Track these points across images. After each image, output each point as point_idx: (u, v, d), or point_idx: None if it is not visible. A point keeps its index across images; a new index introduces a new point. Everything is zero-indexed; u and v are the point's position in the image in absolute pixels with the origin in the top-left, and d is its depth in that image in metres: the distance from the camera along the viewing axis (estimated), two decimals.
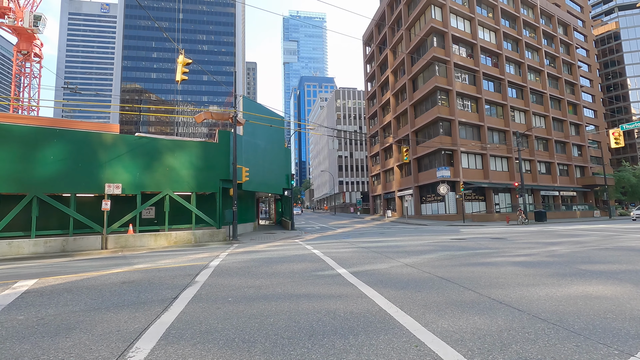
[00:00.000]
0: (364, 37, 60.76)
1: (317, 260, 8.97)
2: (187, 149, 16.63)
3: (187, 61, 10.96)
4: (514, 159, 41.68)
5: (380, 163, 53.18)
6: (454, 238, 14.66)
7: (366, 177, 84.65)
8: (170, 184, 16.02)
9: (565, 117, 50.03)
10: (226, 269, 7.85)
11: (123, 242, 14.51)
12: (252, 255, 10.44)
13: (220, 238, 16.69)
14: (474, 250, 10.17)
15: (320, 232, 22.73)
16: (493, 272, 6.79)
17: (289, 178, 24.17)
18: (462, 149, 37.35)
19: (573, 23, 56.20)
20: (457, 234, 17.56)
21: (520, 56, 45.75)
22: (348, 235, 18.64)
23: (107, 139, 14.86)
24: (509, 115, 42.09)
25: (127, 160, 15.19)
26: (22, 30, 46.30)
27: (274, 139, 22.73)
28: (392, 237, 16.10)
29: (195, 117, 16.73)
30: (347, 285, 5.92)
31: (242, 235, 20.55)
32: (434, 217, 38.16)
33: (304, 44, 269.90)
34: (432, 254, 9.52)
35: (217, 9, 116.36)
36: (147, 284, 6.30)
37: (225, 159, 17.58)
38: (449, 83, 38.02)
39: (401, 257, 9.04)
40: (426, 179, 39.47)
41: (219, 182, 17.27)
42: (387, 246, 11.97)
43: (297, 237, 18.65)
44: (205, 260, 9.63)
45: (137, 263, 9.51)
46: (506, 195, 41.67)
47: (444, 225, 29.55)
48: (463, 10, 40.37)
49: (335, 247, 12.12)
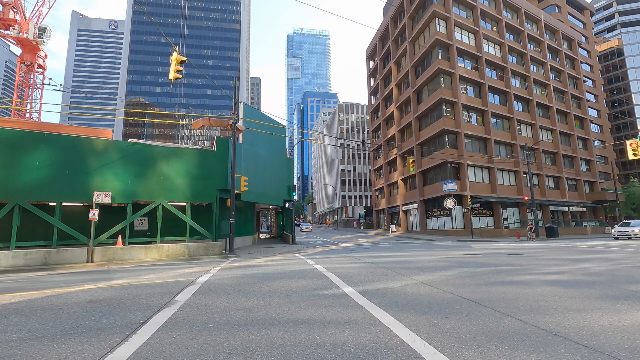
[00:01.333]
0: (368, 51, 60.85)
1: (320, 276, 7.92)
2: (183, 157, 15.78)
3: (181, 59, 10.22)
4: (522, 173, 40.64)
5: (384, 177, 52.22)
6: (468, 254, 13.53)
7: (369, 191, 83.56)
8: (164, 193, 15.11)
9: (572, 131, 49.17)
10: (214, 286, 6.82)
11: (110, 255, 13.49)
12: (247, 271, 9.39)
13: (216, 251, 15.63)
14: (495, 267, 9.08)
15: (322, 247, 21.61)
16: (528, 292, 5.72)
17: (290, 189, 23.21)
18: (469, 162, 36.41)
19: (577, 38, 56.05)
20: (470, 249, 16.41)
21: (525, 69, 45.31)
22: (352, 250, 17.51)
23: (97, 144, 14.06)
24: (516, 128, 41.29)
25: (119, 167, 14.34)
26: (26, 42, 46.56)
27: (276, 148, 21.90)
28: (400, 252, 14.98)
29: (193, 124, 15.95)
30: (356, 308, 4.88)
31: (240, 248, 19.47)
32: (440, 232, 36.87)
33: (307, 61, 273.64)
34: (449, 271, 8.44)
35: (223, 25, 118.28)
36: (117, 304, 5.28)
37: (223, 167, 16.70)
38: (454, 95, 37.42)
39: (415, 274, 7.98)
40: (432, 193, 38.39)
41: (216, 191, 16.34)
42: (396, 262, 10.88)
43: (298, 252, 17.55)
44: (194, 275, 8.59)
45: (118, 278, 8.49)
46: (514, 210, 40.42)
47: (452, 240, 28.30)
48: (467, 23, 40.17)
49: (340, 263, 11.04)
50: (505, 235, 34.26)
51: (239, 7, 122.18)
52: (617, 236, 25.35)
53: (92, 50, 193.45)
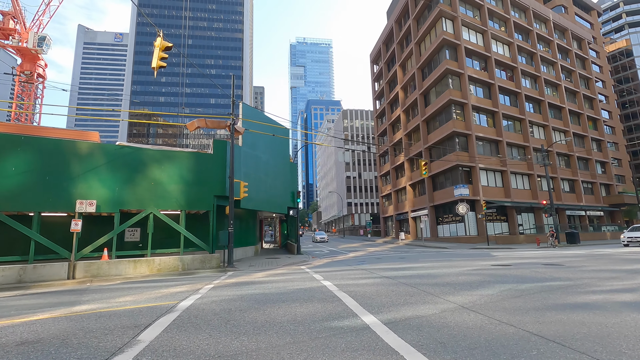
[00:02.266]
0: (372, 55, 59.87)
1: (330, 298, 6.43)
2: (177, 161, 14.46)
3: (166, 44, 8.93)
4: (536, 176, 38.88)
5: (391, 182, 50.62)
6: (496, 264, 11.93)
7: (376, 198, 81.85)
8: (155, 201, 13.75)
9: (586, 132, 47.40)
10: (197, 315, 5.36)
11: (95, 270, 12.10)
12: (243, 290, 7.91)
13: (213, 264, 14.17)
14: (540, 283, 7.52)
15: (329, 257, 20.06)
16: (616, 322, 4.19)
17: (294, 196, 21.76)
18: (481, 165, 34.78)
19: (587, 37, 54.60)
20: (494, 258, 14.77)
21: (535, 69, 43.85)
22: (363, 261, 15.95)
23: (81, 148, 12.78)
24: (528, 130, 39.65)
25: (105, 172, 13.03)
26: (26, 51, 46.11)
27: (278, 151, 20.52)
28: (417, 263, 13.41)
29: (188, 125, 14.66)
30: (387, 354, 3.40)
31: (240, 260, 17.99)
32: (452, 240, 35.08)
33: (310, 69, 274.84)
34: (488, 289, 6.90)
35: (225, 35, 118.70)
36: (54, 350, 3.84)
37: (220, 172, 15.34)
38: (463, 96, 36.01)
39: (448, 294, 6.46)
40: (442, 198, 36.72)
41: (213, 198, 14.95)
42: (417, 275, 9.34)
43: (303, 263, 16.04)
44: (178, 297, 7.14)
45: (86, 302, 7.06)
46: (529, 215, 38.56)
47: (467, 248, 26.59)
48: (475, 23, 38.94)
49: (352, 278, 9.53)
50: (522, 242, 32.41)
51: (242, 16, 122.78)
52: (626, 243, 21.35)
53: (98, 62, 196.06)
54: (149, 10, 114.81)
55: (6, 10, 44.63)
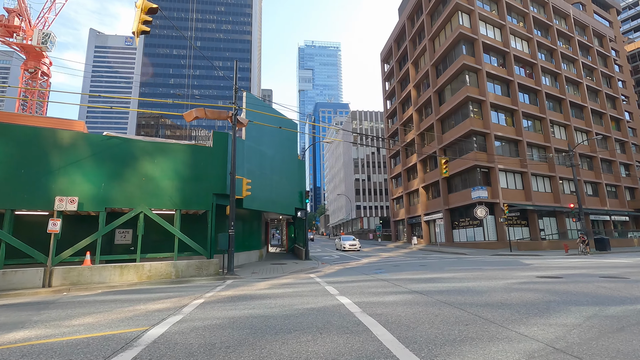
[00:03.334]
0: (382, 54, 58.17)
1: (354, 325, 4.73)
2: (172, 154, 12.92)
3: (149, 5, 7.40)
4: (558, 178, 36.61)
5: (403, 184, 48.66)
6: (542, 276, 10.08)
7: (385, 201, 79.72)
8: (147, 199, 12.21)
9: (609, 132, 44.92)
10: (162, 355, 3.70)
11: (75, 277, 10.58)
12: (239, 308, 6.25)
13: (211, 271, 12.56)
14: (630, 306, 5.71)
15: (340, 263, 18.32)
16: None
17: (303, 196, 20.08)
18: (500, 166, 32.73)
19: (609, 34, 52.19)
20: (530, 268, 12.88)
21: (556, 67, 41.65)
22: (380, 269, 14.18)
23: (63, 138, 11.32)
24: (549, 129, 37.44)
25: (90, 166, 11.55)
26: (30, 49, 45.55)
27: (285, 147, 18.89)
28: (444, 273, 11.60)
29: (185, 115, 13.14)
30: None
31: (242, 266, 16.35)
32: (470, 245, 32.99)
33: (318, 72, 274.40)
34: (564, 314, 5.12)
35: (234, 37, 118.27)
36: None
37: (221, 168, 13.77)
38: (481, 93, 34.05)
39: (515, 322, 4.70)
40: (458, 201, 34.69)
41: (212, 197, 13.37)
42: (454, 290, 7.57)
43: (312, 270, 14.33)
44: (151, 319, 5.51)
45: (34, 324, 5.47)
46: (551, 219, 36.26)
47: (488, 254, 24.58)
48: (492, 17, 37.01)
49: (374, 292, 7.80)
50: (546, 248, 30.22)
51: (250, 18, 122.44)
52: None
53: (109, 66, 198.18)
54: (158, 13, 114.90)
55: (11, 7, 44.23)
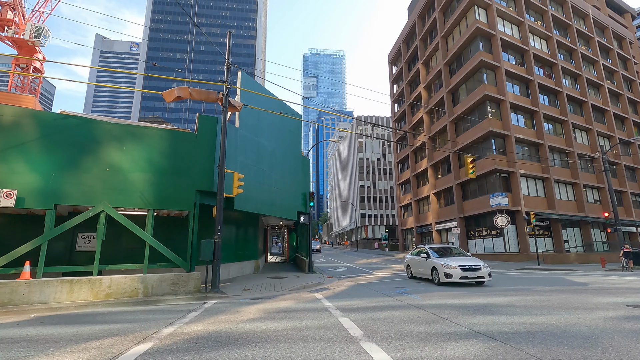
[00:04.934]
0: (390, 56, 56.01)
1: None
2: (146, 141, 10.40)
3: None
4: (582, 186, 33.80)
5: (412, 191, 45.92)
6: (634, 304, 7.38)
7: (391, 209, 76.75)
8: (111, 195, 9.67)
9: (632, 138, 42.09)
10: None
11: (6, 295, 8.00)
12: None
13: (191, 287, 9.92)
14: None
15: (350, 277, 15.60)
16: None
17: (307, 198, 17.43)
18: (521, 171, 30.04)
19: (629, 37, 49.78)
20: (594, 290, 10.12)
21: (576, 67, 39.15)
22: (401, 286, 11.48)
23: (3, 114, 8.85)
24: (571, 133, 34.76)
25: (37, 151, 9.05)
26: (22, 43, 43.77)
27: (288, 141, 16.32)
28: (493, 297, 8.88)
29: (165, 94, 10.72)
30: None
31: (234, 280, 13.69)
32: (489, 257, 30.06)
33: (323, 80, 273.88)
34: None
35: (238, 41, 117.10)
36: None
37: (207, 159, 11.23)
38: (500, 92, 31.55)
39: None
40: (475, 209, 31.92)
41: (195, 195, 10.81)
42: (538, 331, 4.92)
43: (317, 288, 11.66)
44: None
45: None
46: (575, 230, 33.32)
47: (514, 268, 21.77)
48: (510, 13, 34.69)
49: (416, 332, 5.15)
50: (574, 261, 27.31)
51: (255, 23, 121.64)
52: None
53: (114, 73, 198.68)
54: (162, 16, 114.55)
55: (5, 0, 42.61)
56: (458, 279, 11.34)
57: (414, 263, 14.35)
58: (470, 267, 11.56)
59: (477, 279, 11.61)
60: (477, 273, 11.51)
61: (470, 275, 11.43)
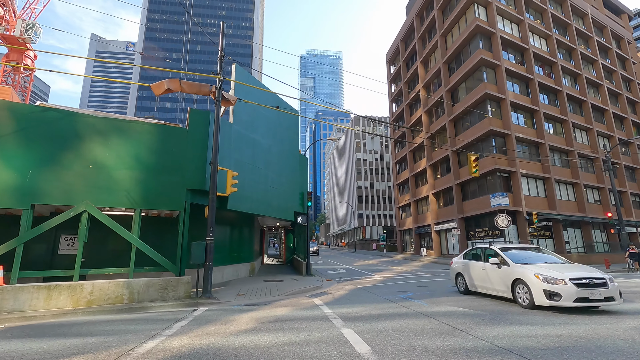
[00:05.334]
0: (388, 56, 55.54)
1: None
2: (133, 136, 9.73)
3: None
4: (582, 186, 33.41)
5: (410, 192, 45.38)
6: None
7: (389, 209, 76.24)
8: (93, 194, 8.98)
9: (631, 138, 41.84)
10: None
11: None
12: None
13: (180, 293, 9.25)
14: None
15: (349, 280, 14.97)
16: None
17: (304, 198, 16.79)
18: (522, 170, 29.58)
19: (627, 36, 49.64)
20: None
21: (576, 67, 38.82)
22: (404, 290, 10.87)
23: None
24: (571, 132, 34.38)
25: (12, 147, 8.36)
26: (12, 40, 42.79)
27: (285, 138, 15.67)
28: None
29: (153, 86, 10.06)
30: None
31: (227, 284, 13.01)
32: None
33: (320, 81, 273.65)
34: None
35: (235, 41, 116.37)
36: None
37: (199, 156, 10.57)
38: (500, 91, 31.09)
39: None
40: (475, 209, 31.41)
41: (185, 194, 10.14)
42: (570, 345, 4.32)
43: (316, 292, 11.03)
44: None
45: None
46: (576, 230, 32.90)
47: None
48: (510, 11, 34.30)
49: (430, 348, 4.54)
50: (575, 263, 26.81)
51: (252, 22, 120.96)
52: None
53: (109, 71, 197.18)
54: (158, 16, 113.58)
55: None
56: (571, 301, 6.66)
57: (473, 271, 9.51)
58: (591, 282, 6.87)
59: (604, 302, 6.83)
60: (602, 291, 6.78)
61: (593, 296, 6.72)
